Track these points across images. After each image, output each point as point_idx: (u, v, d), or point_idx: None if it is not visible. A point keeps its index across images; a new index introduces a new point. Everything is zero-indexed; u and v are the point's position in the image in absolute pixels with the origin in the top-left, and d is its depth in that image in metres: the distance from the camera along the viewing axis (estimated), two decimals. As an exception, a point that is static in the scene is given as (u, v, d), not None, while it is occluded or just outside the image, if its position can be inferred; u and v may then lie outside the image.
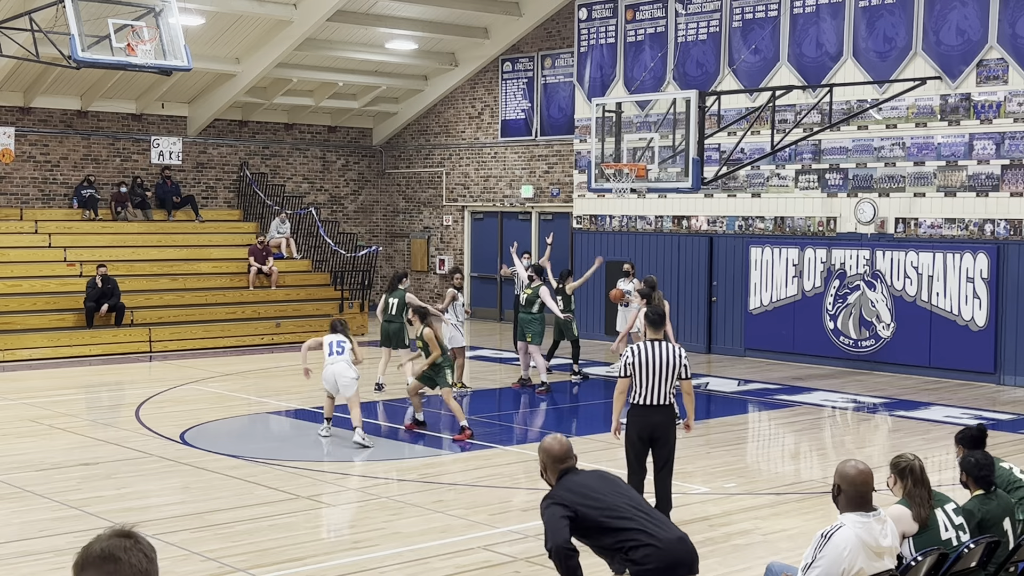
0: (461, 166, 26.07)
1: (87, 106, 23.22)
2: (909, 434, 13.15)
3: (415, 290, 23.74)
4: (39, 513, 9.49)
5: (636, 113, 20.11)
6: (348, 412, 12.29)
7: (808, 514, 9.59)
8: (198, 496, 10.14)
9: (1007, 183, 16.70)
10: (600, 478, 5.76)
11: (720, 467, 11.46)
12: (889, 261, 17.75)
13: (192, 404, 14.88)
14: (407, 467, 11.64)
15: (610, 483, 5.71)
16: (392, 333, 15.70)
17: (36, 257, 21.25)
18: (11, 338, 18.93)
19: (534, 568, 8.09)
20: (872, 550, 5.26)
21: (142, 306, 20.84)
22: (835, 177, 18.61)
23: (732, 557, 8.32)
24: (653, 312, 9.20)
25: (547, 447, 5.77)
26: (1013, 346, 16.64)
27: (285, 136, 26.52)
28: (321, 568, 8.08)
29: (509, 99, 24.86)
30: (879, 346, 17.90)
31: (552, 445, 5.77)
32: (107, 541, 2.92)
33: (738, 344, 19.83)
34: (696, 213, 20.47)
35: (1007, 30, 16.58)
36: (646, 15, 21.06)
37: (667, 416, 8.82)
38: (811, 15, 18.74)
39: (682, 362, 8.84)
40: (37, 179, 22.99)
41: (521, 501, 9.99)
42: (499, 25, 24.04)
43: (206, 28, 21.13)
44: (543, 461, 5.76)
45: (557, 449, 5.73)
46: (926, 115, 17.47)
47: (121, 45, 15.44)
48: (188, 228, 23.65)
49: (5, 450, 11.93)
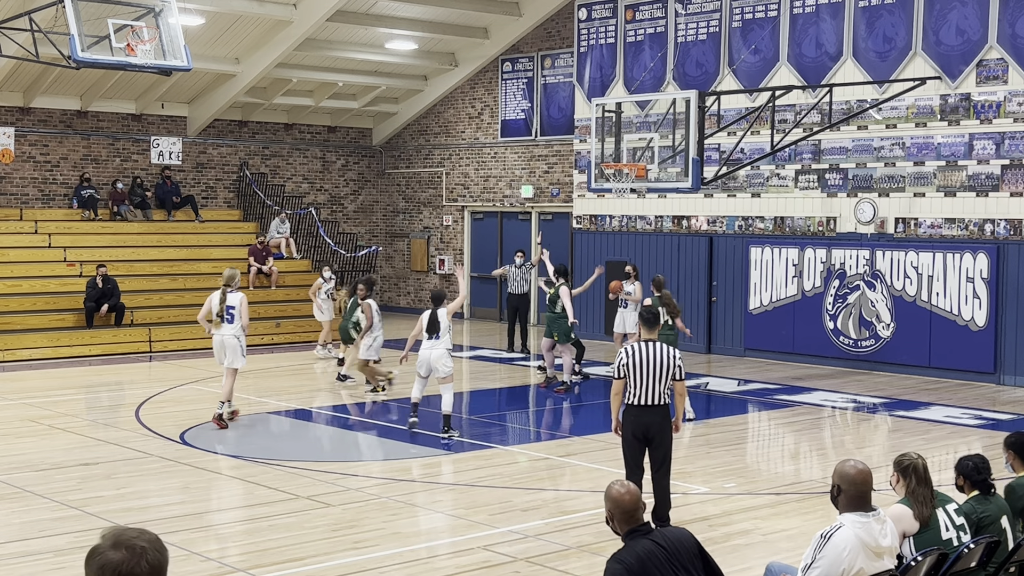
0: (461, 166, 26.07)
1: (87, 106, 23.22)
2: (909, 434, 13.15)
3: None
4: (39, 513, 9.49)
5: (636, 113, 20.11)
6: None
7: (808, 514, 9.59)
8: (198, 496, 10.14)
9: (1007, 183, 16.71)
10: (673, 548, 5.14)
11: (720, 467, 11.46)
12: (889, 261, 17.75)
13: (192, 404, 14.88)
14: (407, 467, 11.64)
15: (675, 562, 5.11)
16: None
17: (36, 257, 21.25)
18: (11, 338, 18.94)
19: (534, 568, 8.09)
20: (872, 550, 5.26)
21: (142, 306, 20.85)
22: (835, 177, 18.61)
23: (732, 557, 8.31)
24: (648, 312, 9.20)
25: (616, 498, 5.20)
26: (1013, 346, 16.64)
27: (285, 136, 26.52)
28: (321, 568, 8.08)
29: (509, 99, 24.86)
30: (879, 346, 17.90)
31: (622, 497, 5.20)
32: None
33: (738, 344, 19.83)
34: (696, 213, 20.48)
35: (1007, 30, 16.59)
36: (646, 15, 21.06)
37: (662, 416, 8.85)
38: (811, 15, 18.74)
39: (676, 363, 8.85)
40: (37, 179, 22.99)
41: (521, 501, 9.99)
42: (499, 25, 24.04)
43: (206, 28, 21.13)
44: (611, 511, 5.22)
45: (628, 502, 5.18)
46: (926, 115, 17.48)
47: (121, 45, 15.44)
48: (188, 228, 23.65)
49: (5, 450, 11.93)
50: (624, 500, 5.17)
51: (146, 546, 3.02)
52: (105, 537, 3.05)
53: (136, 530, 3.07)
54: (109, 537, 3.04)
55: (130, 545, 3.01)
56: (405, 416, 14.49)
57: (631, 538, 5.11)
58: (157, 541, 3.06)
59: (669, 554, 5.06)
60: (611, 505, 5.18)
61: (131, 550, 3.00)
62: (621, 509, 5.16)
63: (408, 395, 13.40)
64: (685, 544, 5.15)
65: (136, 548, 3.00)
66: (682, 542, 5.16)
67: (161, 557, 3.04)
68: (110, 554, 2.99)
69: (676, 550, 5.09)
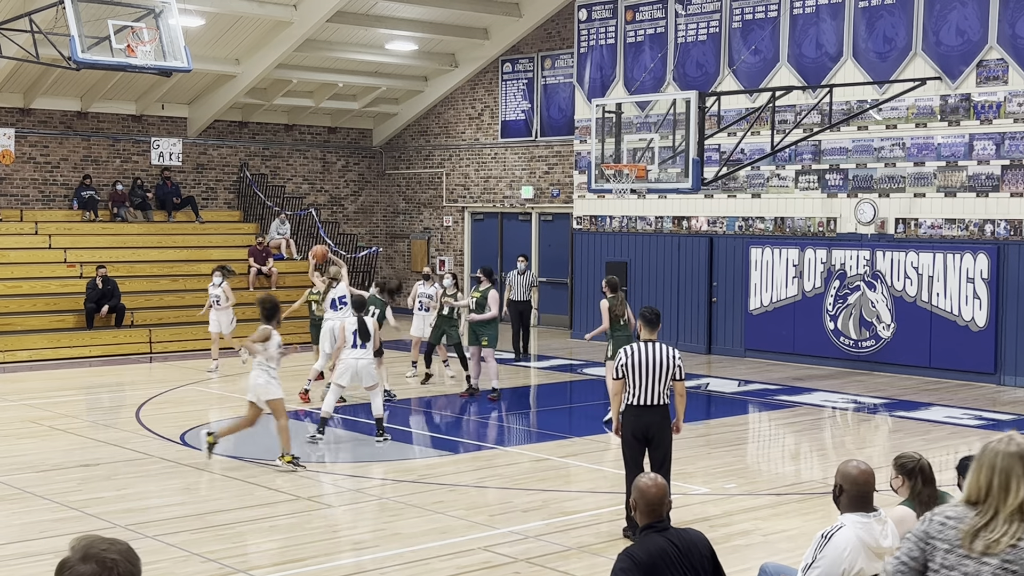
0: (461, 167, 26.08)
1: (87, 107, 23.22)
2: (909, 435, 13.15)
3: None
4: (40, 514, 9.49)
5: (636, 114, 20.11)
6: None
7: (808, 515, 9.59)
8: (199, 497, 10.15)
9: (1007, 183, 16.71)
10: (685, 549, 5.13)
11: (720, 468, 11.46)
12: (889, 261, 17.75)
13: (192, 405, 14.89)
14: (407, 468, 11.64)
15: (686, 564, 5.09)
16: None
17: (36, 258, 21.25)
18: (11, 339, 18.94)
19: (534, 569, 8.09)
20: (873, 551, 5.26)
21: (142, 307, 20.85)
22: (835, 177, 18.61)
23: (732, 558, 8.31)
24: (650, 312, 9.19)
25: (643, 488, 5.21)
26: (1013, 346, 16.64)
27: (285, 137, 26.53)
28: (322, 569, 8.09)
29: (509, 100, 24.87)
30: (879, 346, 17.90)
31: (648, 488, 5.20)
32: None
33: (738, 344, 19.83)
34: (696, 214, 20.47)
35: (1007, 30, 16.59)
36: (646, 16, 21.06)
37: (662, 416, 8.85)
38: (811, 16, 18.74)
39: (676, 363, 8.84)
40: (37, 180, 22.99)
41: (522, 502, 9.99)
42: (499, 26, 24.05)
43: (206, 29, 21.14)
44: (635, 500, 5.22)
45: (653, 494, 5.18)
46: (926, 115, 17.48)
47: (121, 46, 15.43)
48: (188, 229, 23.65)
49: (5, 451, 11.93)
50: (650, 491, 5.18)
51: (117, 558, 2.95)
52: (75, 549, 2.96)
53: (106, 541, 2.99)
54: (79, 550, 2.95)
55: (100, 558, 2.93)
56: (406, 417, 14.51)
57: (646, 534, 5.14)
58: (129, 552, 2.98)
59: (681, 553, 5.08)
60: (637, 495, 5.18)
61: (101, 563, 2.93)
62: (646, 500, 5.17)
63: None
64: (699, 546, 5.16)
65: (107, 561, 2.93)
66: (696, 544, 5.17)
67: (133, 568, 2.97)
68: (80, 568, 2.92)
69: (689, 551, 5.10)
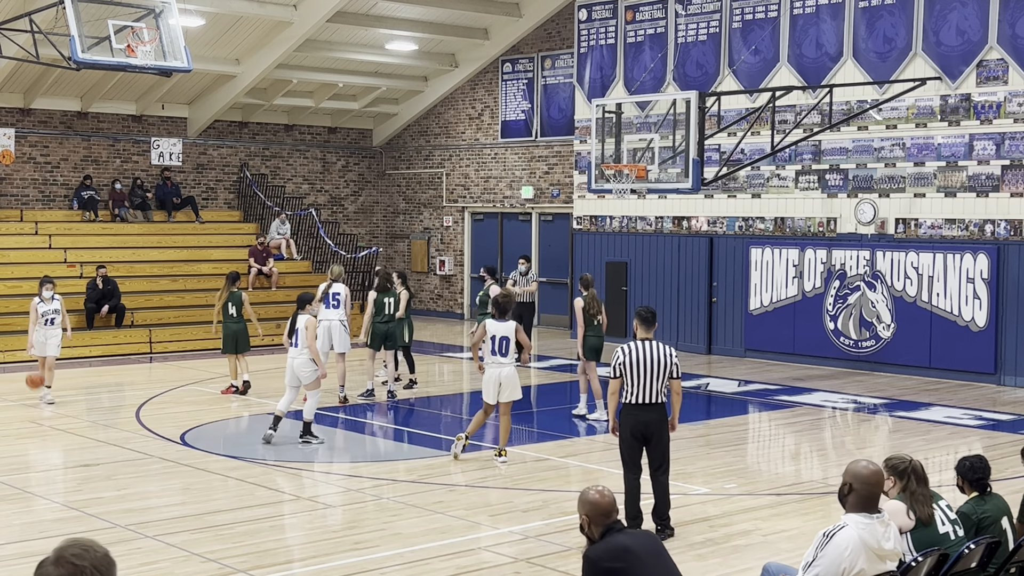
0: (461, 167, 26.08)
1: (87, 107, 23.22)
2: (909, 435, 13.15)
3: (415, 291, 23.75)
4: (40, 514, 9.50)
5: (636, 114, 20.11)
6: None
7: (808, 515, 9.59)
8: (199, 497, 10.14)
9: (1007, 183, 16.71)
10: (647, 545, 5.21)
11: (720, 468, 11.46)
12: (889, 262, 17.75)
13: (192, 405, 14.89)
14: (407, 468, 11.64)
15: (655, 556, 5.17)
16: (388, 333, 15.42)
17: (36, 258, 21.24)
18: (11, 338, 18.93)
19: (534, 569, 8.09)
20: (874, 552, 5.26)
21: (142, 307, 20.85)
22: (835, 178, 18.62)
23: (732, 558, 8.32)
24: (646, 311, 9.19)
25: (591, 500, 5.17)
26: (1013, 347, 16.65)
27: (285, 137, 26.53)
28: (322, 569, 8.09)
29: (509, 100, 24.87)
30: (879, 347, 17.90)
31: (596, 498, 5.17)
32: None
33: (738, 345, 19.83)
34: (696, 214, 20.48)
35: (1007, 30, 16.59)
36: (646, 16, 21.06)
37: (660, 414, 8.87)
38: (811, 16, 18.74)
39: (673, 361, 8.85)
40: (37, 180, 22.99)
41: (521, 502, 9.99)
42: (499, 26, 24.05)
43: (206, 29, 21.14)
44: (587, 515, 5.16)
45: (607, 503, 5.17)
46: (926, 115, 17.48)
47: (121, 46, 15.43)
48: (188, 229, 23.65)
49: (6, 451, 11.93)
50: (603, 502, 5.19)
51: (86, 565, 3.04)
52: (54, 551, 3.07)
53: (82, 546, 3.09)
54: (55, 552, 3.07)
55: (71, 563, 3.04)
56: (406, 417, 14.52)
57: (604, 536, 5.18)
58: (104, 558, 3.07)
59: (642, 545, 5.20)
60: (589, 509, 5.17)
61: (72, 568, 3.03)
62: (600, 511, 5.17)
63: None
64: (654, 540, 5.34)
65: (77, 566, 3.04)
66: (651, 538, 5.38)
67: (106, 573, 3.07)
68: (50, 570, 3.03)
69: (647, 544, 5.24)
